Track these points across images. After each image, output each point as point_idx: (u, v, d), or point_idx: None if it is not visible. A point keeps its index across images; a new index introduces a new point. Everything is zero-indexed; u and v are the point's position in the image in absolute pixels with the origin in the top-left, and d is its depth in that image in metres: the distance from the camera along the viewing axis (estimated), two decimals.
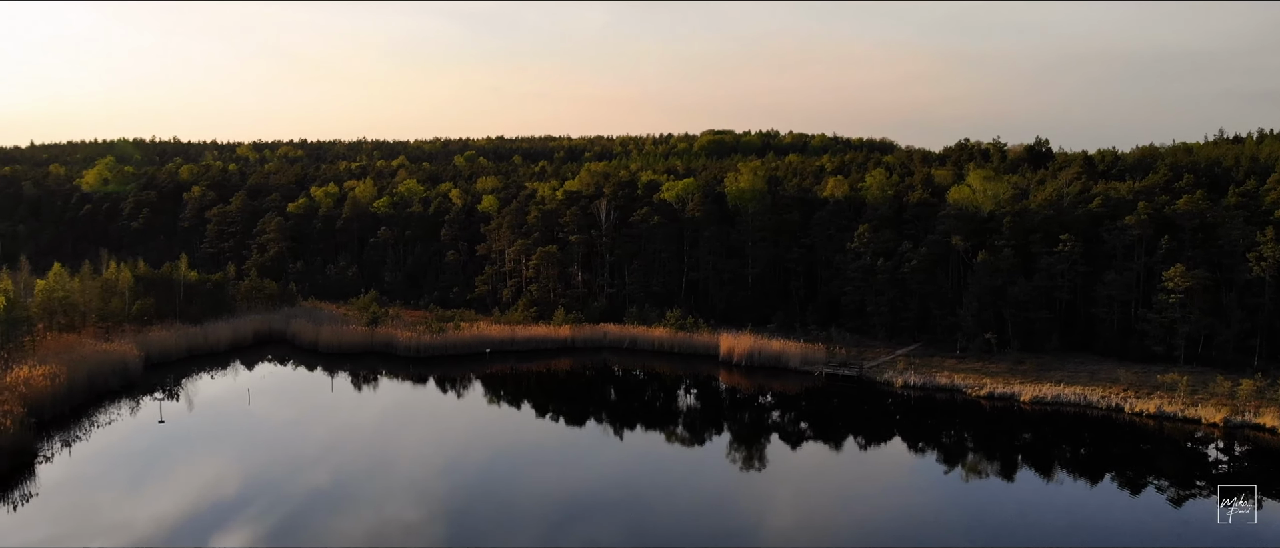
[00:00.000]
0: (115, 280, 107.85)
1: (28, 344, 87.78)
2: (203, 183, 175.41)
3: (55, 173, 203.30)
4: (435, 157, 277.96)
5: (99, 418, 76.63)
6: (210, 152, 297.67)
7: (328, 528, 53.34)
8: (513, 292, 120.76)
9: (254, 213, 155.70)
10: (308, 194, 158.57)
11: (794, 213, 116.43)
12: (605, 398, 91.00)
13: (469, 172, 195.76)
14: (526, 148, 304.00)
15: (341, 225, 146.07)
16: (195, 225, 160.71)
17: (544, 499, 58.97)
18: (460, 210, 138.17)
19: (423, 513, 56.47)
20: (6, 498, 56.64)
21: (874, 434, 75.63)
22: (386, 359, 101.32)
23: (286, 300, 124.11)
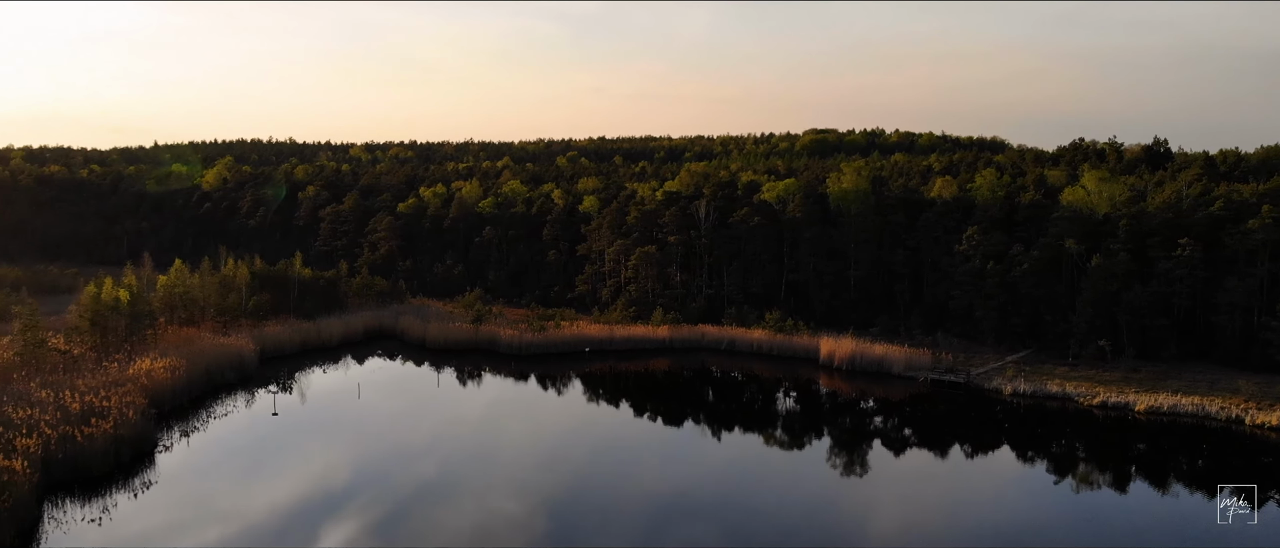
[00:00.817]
0: (233, 277, 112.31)
1: (150, 338, 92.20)
2: (317, 183, 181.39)
3: (177, 172, 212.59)
4: (538, 157, 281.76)
5: (216, 409, 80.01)
6: (324, 152, 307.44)
7: (434, 519, 54.86)
8: (612, 291, 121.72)
9: (366, 212, 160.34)
10: (417, 194, 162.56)
11: (899, 214, 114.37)
12: (703, 399, 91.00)
13: (571, 172, 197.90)
14: (627, 148, 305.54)
15: (448, 225, 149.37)
16: (309, 224, 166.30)
17: (643, 498, 59.39)
18: (561, 211, 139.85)
19: (525, 507, 57.51)
20: (128, 486, 59.52)
21: (981, 443, 73.81)
22: (490, 356, 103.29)
23: (396, 298, 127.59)
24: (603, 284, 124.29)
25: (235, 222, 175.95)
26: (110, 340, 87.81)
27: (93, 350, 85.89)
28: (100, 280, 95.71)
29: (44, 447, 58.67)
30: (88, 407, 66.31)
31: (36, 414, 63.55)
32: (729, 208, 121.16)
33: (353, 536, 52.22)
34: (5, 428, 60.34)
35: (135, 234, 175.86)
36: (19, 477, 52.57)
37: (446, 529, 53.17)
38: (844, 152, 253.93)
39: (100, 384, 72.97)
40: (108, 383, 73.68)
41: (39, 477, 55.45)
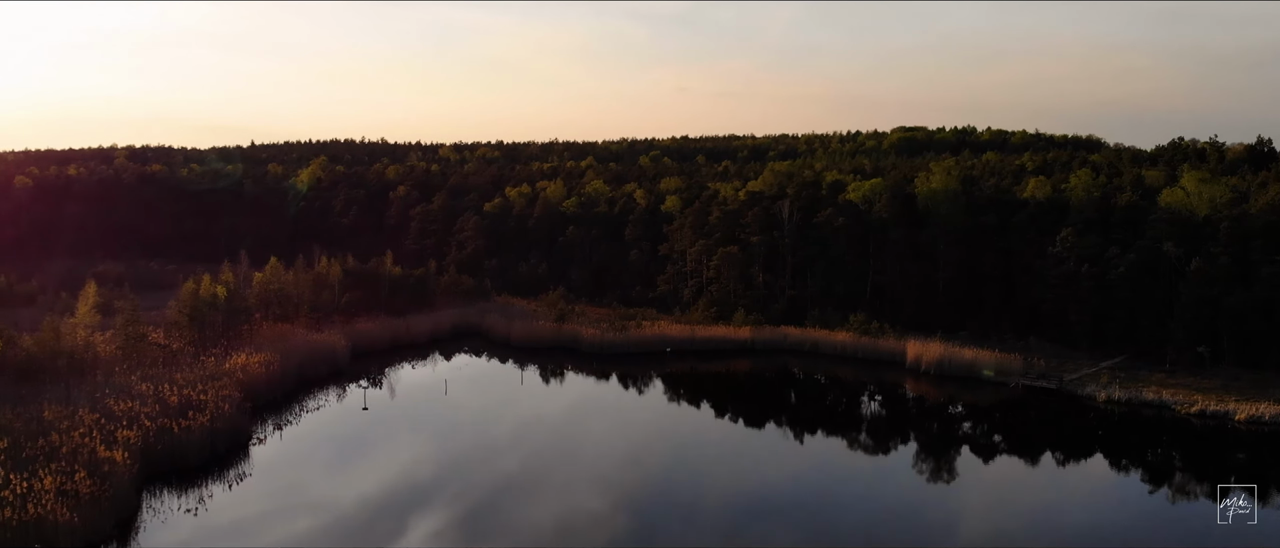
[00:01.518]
0: (326, 274, 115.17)
1: (246, 333, 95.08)
2: (407, 183, 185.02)
3: (273, 172, 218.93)
4: (621, 157, 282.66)
5: (308, 403, 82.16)
6: (414, 152, 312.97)
7: (518, 512, 55.57)
8: (693, 292, 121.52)
9: (453, 212, 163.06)
10: (503, 194, 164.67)
11: (990, 215, 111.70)
12: (785, 401, 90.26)
13: (653, 172, 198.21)
14: (710, 147, 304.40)
15: (533, 224, 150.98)
16: (400, 223, 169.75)
17: (724, 499, 59.15)
18: (644, 210, 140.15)
19: (606, 503, 57.91)
20: (223, 477, 61.42)
21: (1073, 451, 71.69)
22: (572, 354, 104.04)
23: (482, 296, 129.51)
24: (684, 284, 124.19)
25: (329, 220, 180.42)
26: (208, 335, 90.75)
27: (191, 345, 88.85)
28: (199, 277, 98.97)
29: (143, 439, 60.89)
30: (186, 400, 68.63)
31: (137, 407, 66.01)
32: (813, 208, 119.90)
33: (439, 528, 53.21)
34: (107, 420, 62.80)
35: (233, 232, 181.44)
36: (119, 468, 54.69)
37: (530, 524, 53.80)
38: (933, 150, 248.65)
39: (198, 378, 75.42)
40: (205, 377, 76.13)
41: (138, 468, 57.55)
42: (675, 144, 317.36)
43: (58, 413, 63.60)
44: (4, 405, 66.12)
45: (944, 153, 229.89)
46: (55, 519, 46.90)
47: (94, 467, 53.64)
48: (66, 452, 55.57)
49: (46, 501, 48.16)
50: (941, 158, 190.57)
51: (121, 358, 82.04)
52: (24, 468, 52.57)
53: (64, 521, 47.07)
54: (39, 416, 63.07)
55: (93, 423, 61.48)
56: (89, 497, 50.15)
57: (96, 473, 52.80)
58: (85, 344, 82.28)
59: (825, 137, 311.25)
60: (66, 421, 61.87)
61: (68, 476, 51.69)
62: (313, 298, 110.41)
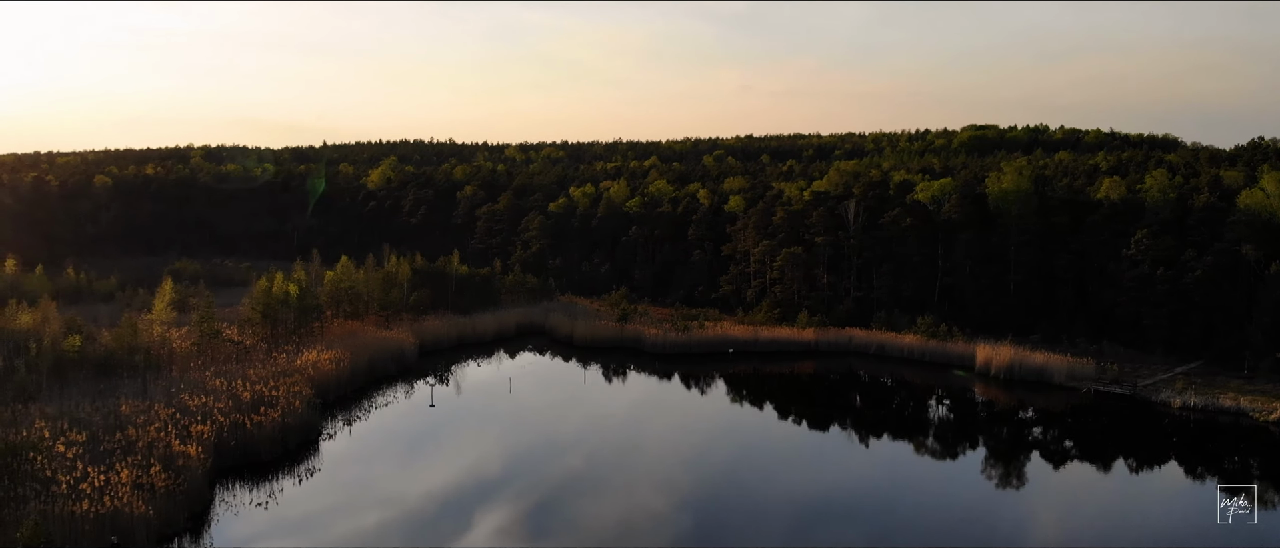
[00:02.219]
0: (395, 273, 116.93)
1: (317, 330, 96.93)
2: (474, 183, 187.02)
3: (344, 172, 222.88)
4: (685, 156, 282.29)
5: (377, 400, 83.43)
6: (481, 152, 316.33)
7: (582, 509, 56.08)
8: (757, 292, 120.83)
9: (519, 211, 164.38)
10: (567, 194, 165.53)
11: (1063, 216, 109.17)
12: (851, 404, 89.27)
13: (717, 171, 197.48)
14: (775, 147, 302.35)
15: (596, 224, 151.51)
16: (466, 222, 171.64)
17: (789, 500, 58.67)
18: (707, 210, 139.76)
19: (669, 502, 57.93)
20: (293, 471, 62.62)
21: (1147, 458, 69.73)
22: (634, 354, 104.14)
23: (546, 295, 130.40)
24: (747, 285, 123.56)
25: (398, 220, 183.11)
26: (280, 332, 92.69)
27: (263, 342, 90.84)
28: (271, 275, 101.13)
29: (217, 434, 62.38)
30: (258, 396, 70.19)
31: (210, 402, 67.69)
32: (880, 208, 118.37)
33: (504, 524, 53.76)
34: (182, 415, 64.52)
35: (305, 231, 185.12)
36: (193, 462, 56.11)
37: (594, 521, 54.14)
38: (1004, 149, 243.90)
39: (270, 374, 77.09)
40: (277, 373, 77.78)
41: (211, 462, 58.97)
42: (739, 143, 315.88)
43: (134, 408, 65.54)
44: (83, 400, 68.34)
45: (1016, 152, 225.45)
46: (131, 512, 48.25)
47: (169, 461, 55.10)
48: (143, 446, 57.20)
49: (123, 493, 49.61)
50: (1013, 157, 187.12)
51: (196, 354, 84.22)
52: (102, 461, 54.27)
53: (139, 513, 48.40)
54: (116, 410, 65.05)
55: (168, 418, 63.23)
56: (164, 490, 51.54)
57: (171, 467, 54.23)
58: (161, 340, 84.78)
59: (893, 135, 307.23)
60: (143, 415, 63.71)
61: (144, 469, 53.19)
62: (382, 296, 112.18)
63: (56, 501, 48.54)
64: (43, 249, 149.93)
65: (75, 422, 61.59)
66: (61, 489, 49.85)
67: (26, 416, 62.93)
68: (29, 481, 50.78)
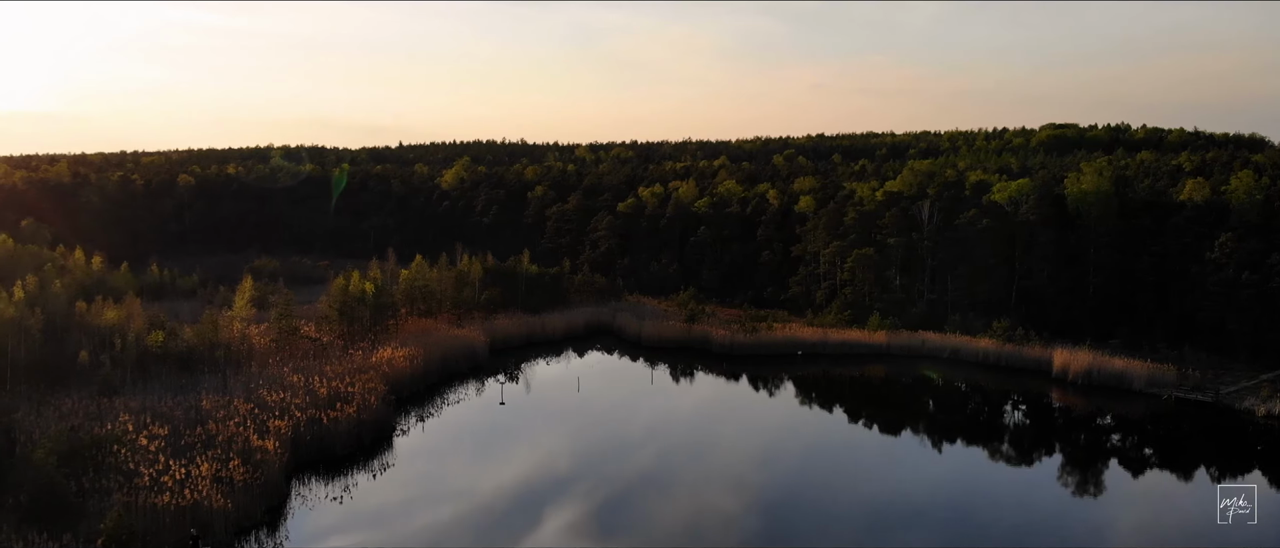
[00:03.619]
0: (468, 272, 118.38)
1: (392, 327, 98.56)
2: (544, 183, 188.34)
3: (419, 172, 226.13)
4: (754, 156, 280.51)
5: (449, 397, 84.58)
6: (552, 153, 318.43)
7: (651, 508, 56.28)
8: (827, 294, 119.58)
9: (588, 211, 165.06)
10: (635, 194, 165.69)
11: (1145, 218, 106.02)
12: (923, 408, 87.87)
13: (787, 171, 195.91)
14: (846, 146, 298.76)
15: (665, 224, 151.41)
16: (536, 222, 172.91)
17: (859, 504, 58.06)
18: (776, 210, 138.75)
19: (739, 503, 57.80)
20: (368, 466, 63.81)
21: (1229, 467, 67.34)
22: (702, 355, 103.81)
23: (614, 295, 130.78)
24: (817, 286, 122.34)
25: (470, 219, 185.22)
26: (356, 329, 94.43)
27: (340, 338, 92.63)
28: (348, 273, 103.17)
29: (294, 428, 63.83)
30: (334, 392, 71.61)
31: (288, 397, 69.22)
32: (955, 209, 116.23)
33: (573, 521, 54.17)
34: (260, 410, 66.12)
35: (381, 230, 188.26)
36: (271, 456, 57.47)
37: (663, 519, 54.30)
38: (1084, 148, 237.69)
39: (346, 370, 78.60)
40: (352, 369, 79.29)
41: (288, 456, 60.37)
42: (810, 142, 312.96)
43: (215, 402, 67.35)
44: (165, 394, 70.43)
45: (1096, 152, 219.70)
46: (210, 505, 49.60)
47: (247, 455, 56.53)
48: (222, 440, 58.76)
49: (202, 486, 51.03)
50: (1093, 157, 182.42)
51: (275, 350, 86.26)
52: (182, 455, 55.87)
53: (218, 506, 49.74)
54: (197, 405, 66.92)
55: (247, 413, 64.85)
56: (242, 484, 52.93)
57: (250, 461, 55.64)
58: (241, 336, 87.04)
59: (969, 134, 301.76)
60: (223, 410, 65.44)
61: (223, 463, 54.66)
62: (454, 295, 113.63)
63: (138, 493, 50.12)
64: (128, 247, 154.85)
65: (157, 416, 63.52)
66: (144, 482, 51.46)
67: (111, 409, 65.11)
68: (112, 473, 52.59)
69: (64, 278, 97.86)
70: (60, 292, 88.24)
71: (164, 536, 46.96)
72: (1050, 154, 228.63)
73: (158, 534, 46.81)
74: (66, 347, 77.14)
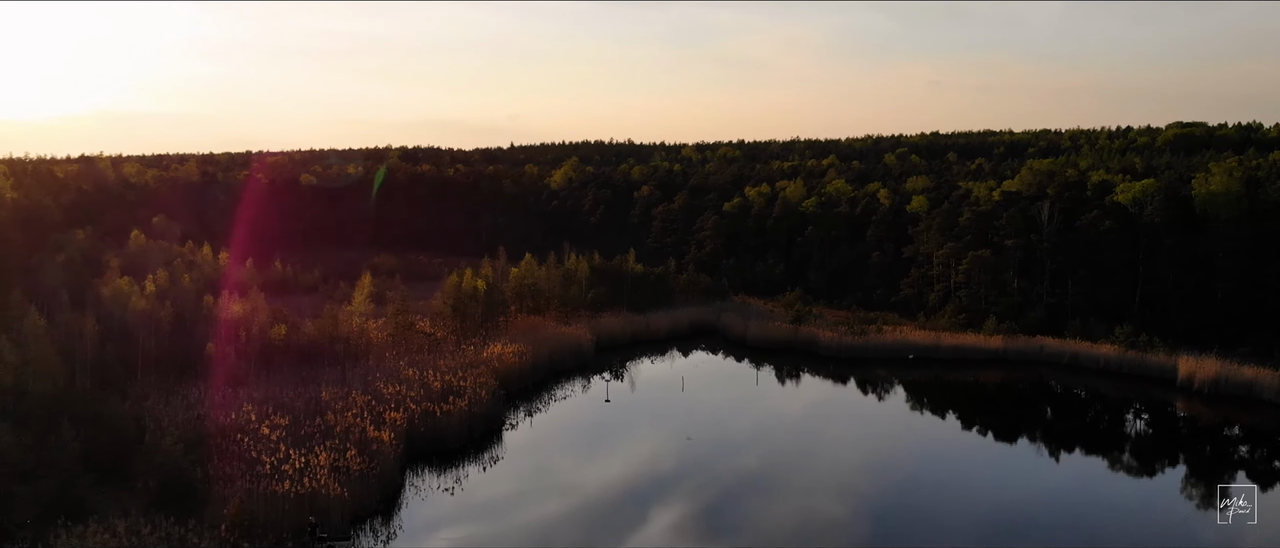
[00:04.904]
0: (575, 270, 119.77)
1: (502, 324, 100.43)
2: (650, 183, 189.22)
3: (529, 172, 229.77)
4: (865, 155, 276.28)
5: (556, 393, 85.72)
6: (658, 153, 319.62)
7: (757, 511, 55.84)
8: (940, 297, 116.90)
9: (694, 211, 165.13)
10: (742, 194, 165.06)
11: (1277, 220, 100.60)
12: (1041, 416, 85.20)
13: (898, 170, 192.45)
14: (962, 144, 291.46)
15: (771, 224, 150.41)
16: (642, 221, 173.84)
17: (971, 514, 56.43)
18: (887, 210, 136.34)
19: (847, 509, 57.03)
20: (478, 459, 65.18)
21: None
22: (808, 357, 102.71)
23: (719, 295, 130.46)
24: (930, 289, 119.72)
25: (578, 218, 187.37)
26: (468, 325, 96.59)
27: (453, 334, 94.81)
28: (461, 270, 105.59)
29: (408, 421, 65.65)
30: (447, 385, 73.40)
31: (403, 390, 71.19)
32: (1076, 210, 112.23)
33: (679, 520, 54.30)
34: (377, 402, 68.15)
35: (492, 228, 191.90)
36: (386, 447, 59.21)
37: (769, 523, 53.86)
38: (1213, 148, 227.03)
39: (458, 365, 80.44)
40: (464, 364, 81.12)
41: (402, 448, 62.13)
42: (924, 141, 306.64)
43: (333, 394, 69.69)
44: (286, 386, 73.20)
45: (1225, 151, 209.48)
46: (328, 493, 51.34)
47: (364, 445, 58.39)
48: (340, 431, 60.81)
49: (321, 475, 52.85)
50: (1223, 157, 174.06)
51: (391, 344, 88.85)
52: (302, 445, 57.98)
53: (335, 495, 51.44)
54: (317, 396, 69.36)
55: (364, 405, 66.93)
56: (358, 473, 54.64)
57: (366, 451, 57.45)
58: (359, 331, 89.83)
59: (1092, 132, 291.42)
60: (341, 401, 67.69)
61: (340, 453, 56.53)
62: (562, 293, 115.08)
63: (260, 480, 52.25)
64: (254, 244, 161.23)
65: (279, 406, 66.08)
66: (265, 470, 53.62)
67: (235, 399, 67.97)
68: (236, 460, 54.96)
69: (192, 273, 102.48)
70: (189, 286, 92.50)
71: (284, 522, 48.74)
72: (1176, 154, 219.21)
73: (278, 521, 48.61)
74: (194, 339, 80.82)
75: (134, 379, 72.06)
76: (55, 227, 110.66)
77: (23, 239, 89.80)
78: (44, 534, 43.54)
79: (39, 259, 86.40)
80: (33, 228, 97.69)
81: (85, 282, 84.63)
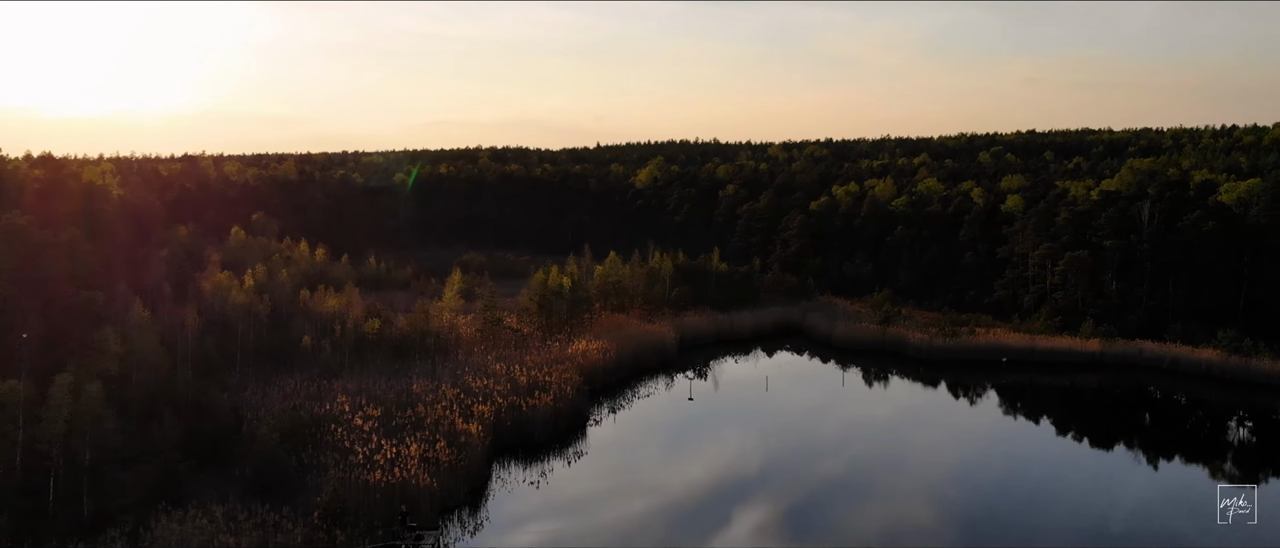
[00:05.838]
0: (659, 269, 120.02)
1: (587, 321, 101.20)
2: (735, 182, 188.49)
3: (615, 172, 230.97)
4: (958, 153, 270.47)
5: (640, 390, 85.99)
6: (744, 152, 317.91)
7: (843, 516, 55.29)
8: (1035, 299, 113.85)
9: (779, 210, 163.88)
10: (829, 192, 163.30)
11: None
12: (1139, 423, 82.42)
13: (993, 169, 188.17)
14: (1060, 142, 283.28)
15: (860, 223, 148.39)
16: (727, 220, 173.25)
17: (1068, 525, 54.56)
18: (981, 210, 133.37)
19: (937, 516, 55.85)
20: (563, 454, 65.79)
21: None
22: (897, 359, 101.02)
23: (805, 295, 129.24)
24: (1025, 290, 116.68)
25: (662, 217, 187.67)
26: (553, 322, 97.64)
27: (539, 330, 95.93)
28: (547, 268, 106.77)
29: (495, 414, 66.61)
30: (533, 380, 74.27)
31: (491, 385, 72.25)
32: (1178, 210, 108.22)
33: (764, 522, 53.99)
34: (465, 395, 69.30)
35: (578, 227, 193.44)
36: (474, 440, 60.20)
37: (855, 528, 53.11)
38: None
39: (544, 361, 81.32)
40: (550, 360, 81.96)
41: (490, 440, 63.07)
42: (1020, 139, 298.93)
43: (424, 387, 71.08)
44: (379, 378, 74.88)
45: None
46: (418, 483, 52.39)
47: (453, 437, 59.45)
48: (430, 422, 61.99)
49: (411, 466, 53.98)
50: None
51: (480, 339, 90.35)
52: (393, 436, 59.28)
53: (425, 485, 52.49)
54: (408, 389, 70.83)
55: (453, 398, 68.13)
56: (447, 465, 55.66)
57: (454, 443, 58.49)
58: (450, 326, 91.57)
59: (1195, 131, 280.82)
60: (431, 394, 68.99)
61: (430, 444, 57.66)
62: (646, 291, 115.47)
63: (353, 469, 53.55)
64: (348, 240, 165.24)
65: (372, 398, 67.60)
66: (358, 459, 54.94)
67: (330, 391, 69.82)
68: (330, 450, 56.46)
69: (290, 268, 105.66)
70: (286, 281, 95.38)
71: (375, 511, 49.86)
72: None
73: (369, 509, 49.74)
74: (291, 332, 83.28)
75: (233, 370, 74.54)
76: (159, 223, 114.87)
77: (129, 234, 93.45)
78: (145, 518, 45.30)
79: (144, 254, 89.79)
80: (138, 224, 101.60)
81: (187, 276, 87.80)
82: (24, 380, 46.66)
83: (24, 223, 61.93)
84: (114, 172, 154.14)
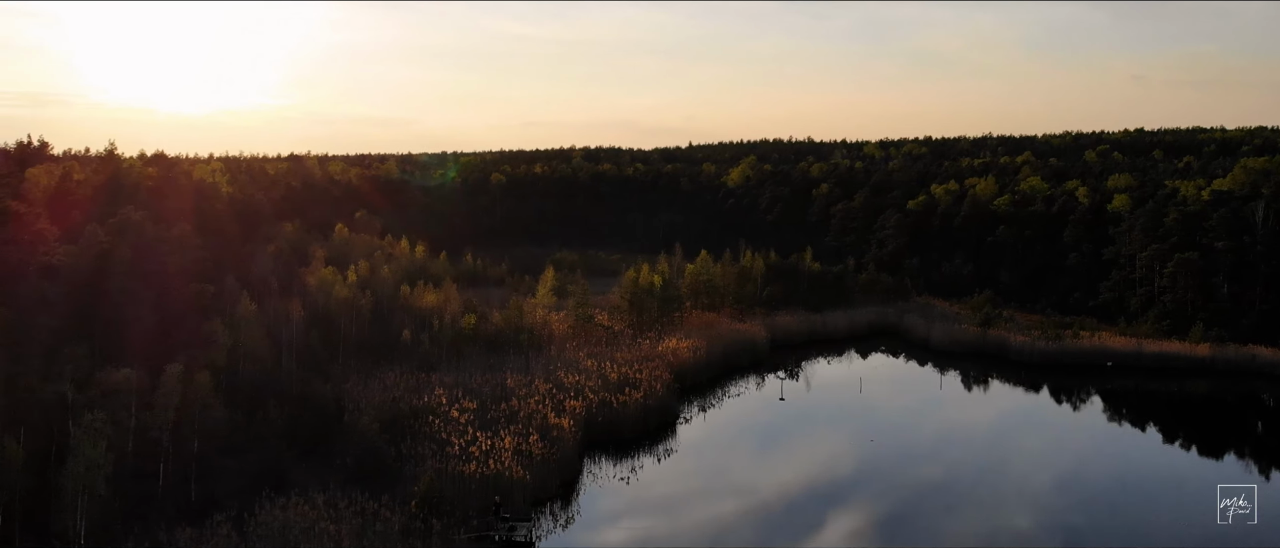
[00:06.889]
0: (750, 268, 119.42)
1: (677, 319, 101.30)
2: (829, 181, 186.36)
3: (706, 171, 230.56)
4: (1063, 152, 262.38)
5: (730, 389, 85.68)
6: (839, 150, 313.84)
7: (939, 522, 53.93)
8: (1142, 301, 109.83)
9: (875, 209, 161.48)
10: (928, 191, 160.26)
11: None
12: (1250, 431, 78.93)
13: (1099, 168, 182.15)
14: (1170, 141, 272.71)
15: (959, 223, 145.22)
16: (821, 220, 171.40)
17: (1177, 537, 52.59)
18: (1086, 209, 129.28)
19: (1038, 525, 54.29)
20: (652, 451, 65.96)
21: None
22: (997, 362, 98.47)
23: (901, 295, 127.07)
24: (1131, 293, 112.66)
25: (754, 216, 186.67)
26: (644, 320, 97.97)
27: (630, 328, 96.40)
28: (639, 266, 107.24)
29: (587, 409, 67.22)
30: (624, 377, 74.73)
31: (582, 380, 72.92)
32: None
33: (858, 527, 53.21)
34: (558, 390, 70.08)
35: (669, 226, 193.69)
36: (566, 434, 60.86)
37: (953, 535, 51.83)
38: None
39: (634, 358, 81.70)
40: (640, 357, 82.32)
41: (581, 435, 63.67)
42: (1127, 137, 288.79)
43: (518, 382, 72.11)
44: (475, 372, 76.24)
45: None
46: (511, 475, 53.20)
47: (545, 431, 60.22)
48: (523, 416, 62.89)
49: (505, 458, 54.85)
50: None
51: (572, 336, 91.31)
52: (488, 428, 60.30)
53: (518, 477, 53.27)
54: (503, 383, 71.94)
55: (546, 392, 68.99)
56: (540, 458, 56.39)
57: (547, 437, 59.25)
58: (543, 322, 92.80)
59: None
60: (525, 389, 69.96)
61: (523, 437, 58.50)
62: (737, 290, 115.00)
63: (449, 460, 54.65)
64: (446, 238, 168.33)
65: (468, 391, 68.90)
66: (453, 450, 56.06)
67: (428, 383, 71.33)
68: (427, 441, 57.74)
69: (390, 264, 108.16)
70: (387, 277, 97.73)
71: (470, 501, 50.78)
72: None
73: (464, 499, 50.68)
74: (391, 326, 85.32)
75: (335, 362, 76.63)
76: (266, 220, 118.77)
77: (237, 231, 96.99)
78: (249, 504, 46.93)
79: (251, 249, 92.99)
80: (246, 221, 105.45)
81: (293, 271, 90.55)
82: (137, 370, 48.75)
83: (139, 218, 64.69)
84: (223, 170, 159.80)
